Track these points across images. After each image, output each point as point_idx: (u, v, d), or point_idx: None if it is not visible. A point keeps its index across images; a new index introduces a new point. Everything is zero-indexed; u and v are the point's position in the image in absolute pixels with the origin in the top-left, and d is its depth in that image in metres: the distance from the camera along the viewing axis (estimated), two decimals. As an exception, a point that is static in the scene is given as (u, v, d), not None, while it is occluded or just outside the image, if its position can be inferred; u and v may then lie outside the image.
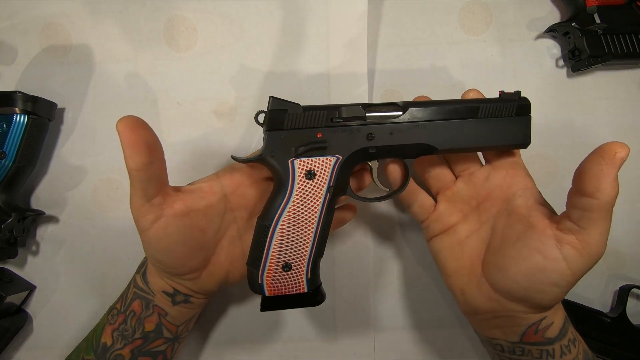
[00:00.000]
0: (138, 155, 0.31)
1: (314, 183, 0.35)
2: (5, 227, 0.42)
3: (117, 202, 0.47)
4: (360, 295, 0.47)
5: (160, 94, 0.47)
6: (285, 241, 0.34)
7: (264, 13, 0.47)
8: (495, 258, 0.35)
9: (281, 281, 0.35)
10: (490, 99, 0.37)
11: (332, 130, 0.35)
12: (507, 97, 0.36)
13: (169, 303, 0.37)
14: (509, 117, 0.36)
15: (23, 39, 0.48)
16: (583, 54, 0.44)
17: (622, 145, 0.29)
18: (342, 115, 0.35)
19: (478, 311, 0.36)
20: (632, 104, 0.47)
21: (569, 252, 0.31)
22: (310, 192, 0.34)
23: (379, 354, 0.46)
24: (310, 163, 0.34)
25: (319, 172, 0.34)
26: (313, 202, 0.34)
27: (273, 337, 0.47)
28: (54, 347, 0.46)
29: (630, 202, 0.46)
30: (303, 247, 0.35)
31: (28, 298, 0.47)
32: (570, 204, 0.32)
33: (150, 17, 0.47)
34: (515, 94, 0.36)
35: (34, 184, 0.47)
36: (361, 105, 0.35)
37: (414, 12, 0.47)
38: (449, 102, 0.36)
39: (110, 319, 0.38)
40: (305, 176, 0.34)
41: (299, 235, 0.34)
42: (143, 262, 0.39)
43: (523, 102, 0.36)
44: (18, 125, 0.42)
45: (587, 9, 0.44)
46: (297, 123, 0.34)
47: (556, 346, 0.34)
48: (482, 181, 0.38)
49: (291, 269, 0.34)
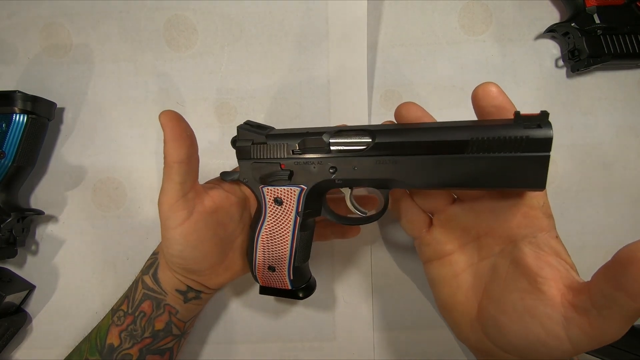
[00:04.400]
0: (181, 147, 0.32)
1: (283, 208, 0.35)
2: (5, 227, 0.42)
3: (117, 202, 0.47)
4: (360, 295, 0.46)
5: (160, 94, 0.47)
6: (266, 250, 0.37)
7: (264, 13, 0.47)
8: (494, 311, 0.31)
9: (269, 278, 0.38)
10: (493, 126, 0.27)
11: (295, 162, 0.34)
12: (524, 121, 0.26)
13: (180, 301, 0.38)
14: (515, 154, 0.26)
15: (23, 39, 0.48)
16: (583, 54, 0.44)
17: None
18: (305, 146, 0.33)
19: (469, 347, 0.35)
20: (632, 104, 0.47)
21: (577, 335, 0.26)
22: (281, 216, 0.35)
23: (379, 354, 0.46)
24: (277, 191, 0.35)
25: (285, 199, 0.35)
26: (284, 224, 0.36)
27: (273, 337, 0.47)
28: (53, 347, 0.46)
29: (631, 202, 0.46)
30: (282, 256, 0.36)
31: (27, 298, 0.47)
32: (598, 286, 0.26)
33: (150, 17, 0.47)
34: (537, 118, 0.26)
35: (34, 183, 0.47)
36: (328, 134, 0.32)
37: (414, 12, 0.47)
38: (431, 129, 0.29)
39: (116, 320, 0.38)
40: (274, 202, 0.35)
41: (277, 247, 0.36)
42: (151, 263, 0.39)
43: (541, 135, 0.26)
44: (17, 124, 0.42)
45: (586, 9, 0.44)
46: (261, 154, 0.35)
47: None
48: (485, 212, 0.32)
49: (275, 271, 0.37)
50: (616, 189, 0.46)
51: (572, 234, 0.46)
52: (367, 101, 0.46)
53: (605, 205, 0.46)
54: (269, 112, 0.47)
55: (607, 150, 0.46)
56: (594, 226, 0.46)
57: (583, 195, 0.46)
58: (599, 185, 0.46)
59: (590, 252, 0.46)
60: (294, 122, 0.46)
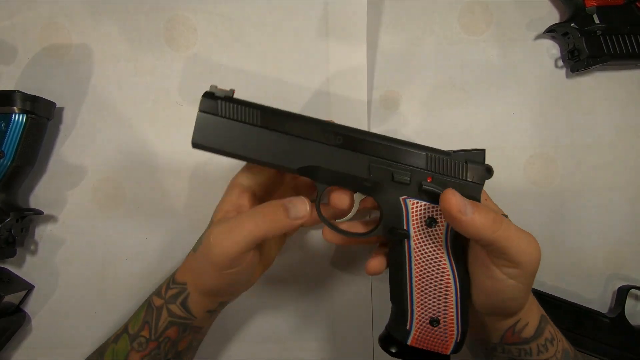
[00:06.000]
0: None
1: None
2: (4, 227, 0.42)
3: (117, 202, 0.47)
4: (360, 295, 0.46)
5: (160, 94, 0.47)
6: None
7: (264, 13, 0.47)
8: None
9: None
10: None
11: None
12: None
13: (208, 318, 0.38)
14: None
15: (23, 39, 0.48)
16: (582, 55, 0.44)
17: (446, 195, 0.29)
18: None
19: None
20: (632, 104, 0.47)
21: (508, 270, 0.31)
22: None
23: (379, 354, 0.46)
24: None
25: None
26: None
27: (273, 337, 0.47)
28: (52, 347, 0.46)
29: (630, 202, 0.46)
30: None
31: (26, 298, 0.46)
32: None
33: (150, 17, 0.47)
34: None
35: (33, 183, 0.47)
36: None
37: (414, 12, 0.47)
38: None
39: (136, 346, 0.37)
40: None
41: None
42: (178, 292, 0.37)
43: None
44: (17, 124, 0.42)
45: (586, 10, 0.44)
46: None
47: (533, 345, 0.35)
48: None
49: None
50: (616, 189, 0.46)
51: (572, 233, 0.46)
52: (367, 101, 0.46)
53: (605, 205, 0.46)
54: (268, 112, 0.47)
55: (607, 150, 0.46)
56: (594, 226, 0.46)
57: (583, 195, 0.46)
58: (599, 185, 0.46)
59: (591, 252, 0.46)
60: (294, 122, 0.46)
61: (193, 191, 0.46)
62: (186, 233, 0.46)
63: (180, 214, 0.47)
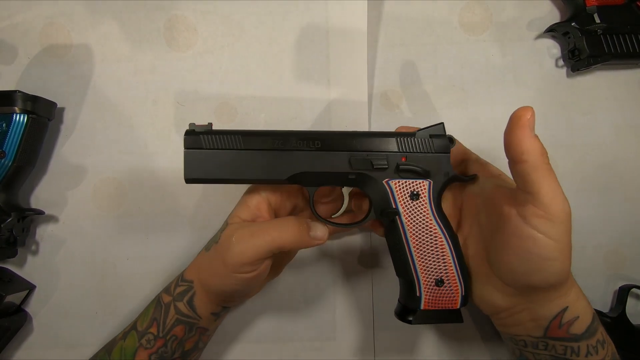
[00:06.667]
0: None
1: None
2: (5, 227, 0.42)
3: (117, 202, 0.47)
4: (360, 295, 0.46)
5: (160, 94, 0.47)
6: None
7: (264, 13, 0.47)
8: (492, 253, 0.35)
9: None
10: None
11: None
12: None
13: (213, 320, 0.39)
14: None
15: (23, 39, 0.48)
16: (583, 54, 0.44)
17: (526, 109, 0.31)
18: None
19: (499, 309, 0.35)
20: (632, 103, 0.47)
21: (536, 222, 0.30)
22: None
23: (379, 354, 0.46)
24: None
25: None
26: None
27: (273, 337, 0.47)
28: (53, 347, 0.46)
29: (630, 202, 0.46)
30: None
31: (28, 298, 0.47)
32: (513, 175, 0.32)
33: (150, 17, 0.47)
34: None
35: (34, 183, 0.47)
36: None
37: (414, 12, 0.47)
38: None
39: (144, 343, 0.38)
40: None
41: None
42: (185, 290, 0.38)
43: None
44: (18, 124, 0.42)
45: (586, 9, 0.44)
46: None
47: (582, 344, 0.33)
48: (458, 190, 0.39)
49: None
50: (616, 189, 0.46)
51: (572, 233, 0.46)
52: (367, 101, 0.46)
53: (605, 205, 0.46)
54: (268, 112, 0.47)
55: (607, 150, 0.46)
56: (594, 226, 0.46)
57: (583, 195, 0.46)
58: (598, 185, 0.46)
59: (591, 252, 0.46)
60: (293, 122, 0.46)
61: (193, 191, 0.47)
62: (186, 233, 0.46)
63: (180, 214, 0.47)
